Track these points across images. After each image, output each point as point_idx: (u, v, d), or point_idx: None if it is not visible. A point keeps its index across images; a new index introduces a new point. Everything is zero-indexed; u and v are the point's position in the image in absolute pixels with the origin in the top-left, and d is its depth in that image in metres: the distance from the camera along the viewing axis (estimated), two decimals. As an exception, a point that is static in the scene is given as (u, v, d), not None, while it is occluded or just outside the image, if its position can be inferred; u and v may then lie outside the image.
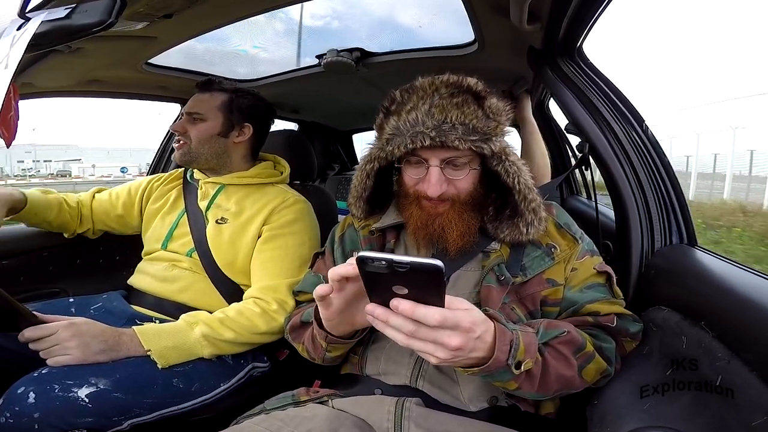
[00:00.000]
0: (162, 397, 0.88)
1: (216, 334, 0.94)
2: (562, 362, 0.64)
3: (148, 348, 0.87)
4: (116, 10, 0.69)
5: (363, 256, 0.44)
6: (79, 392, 0.78)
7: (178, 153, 1.17)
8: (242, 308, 1.00)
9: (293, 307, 1.02)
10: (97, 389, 0.80)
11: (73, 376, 0.80)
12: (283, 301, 1.02)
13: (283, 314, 1.00)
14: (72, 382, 0.79)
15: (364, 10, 1.45)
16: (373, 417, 0.70)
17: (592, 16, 0.89)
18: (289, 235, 1.11)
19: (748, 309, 0.57)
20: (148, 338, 0.89)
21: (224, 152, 1.20)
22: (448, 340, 0.48)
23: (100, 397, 0.79)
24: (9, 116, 0.70)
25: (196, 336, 0.92)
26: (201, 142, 1.16)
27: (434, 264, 0.42)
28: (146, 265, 1.18)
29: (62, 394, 0.77)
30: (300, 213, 1.16)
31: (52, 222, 1.20)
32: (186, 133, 1.16)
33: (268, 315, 1.00)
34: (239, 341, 0.97)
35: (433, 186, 0.73)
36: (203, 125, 1.17)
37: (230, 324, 0.96)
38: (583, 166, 1.06)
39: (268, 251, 1.10)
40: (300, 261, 1.09)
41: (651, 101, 77.86)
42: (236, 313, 0.99)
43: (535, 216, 0.75)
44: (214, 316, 0.97)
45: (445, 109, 0.71)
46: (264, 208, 1.13)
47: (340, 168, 2.94)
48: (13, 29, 0.69)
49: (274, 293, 1.03)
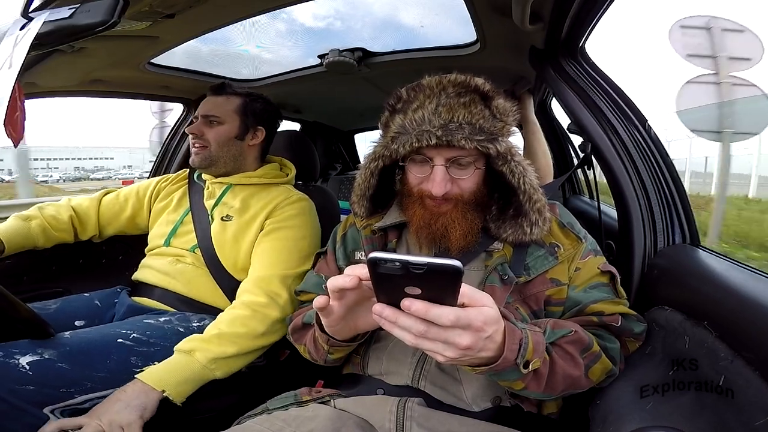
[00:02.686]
0: (117, 373, 0.85)
1: (219, 354, 0.90)
2: (569, 362, 0.64)
3: (162, 389, 0.82)
4: (119, 9, 0.69)
5: (375, 258, 0.42)
6: (21, 359, 0.77)
7: (198, 157, 1.18)
8: (234, 316, 0.97)
9: (287, 300, 1.01)
10: (40, 358, 0.79)
11: (20, 345, 0.80)
12: (274, 293, 1.01)
13: (276, 307, 0.99)
14: (17, 350, 0.78)
15: (366, 10, 1.45)
16: (375, 417, 0.70)
17: (594, 16, 0.89)
18: (288, 228, 1.12)
19: (751, 309, 0.56)
20: (157, 380, 0.83)
21: (240, 155, 1.22)
22: (459, 339, 0.47)
23: (42, 366, 0.78)
24: (16, 116, 0.69)
25: (200, 363, 0.88)
26: (220, 145, 1.18)
27: (454, 265, 0.41)
28: (150, 260, 1.19)
29: (2, 360, 0.76)
30: (302, 209, 1.17)
31: (43, 246, 1.18)
32: (203, 136, 1.17)
33: (260, 313, 0.98)
34: (245, 351, 0.94)
35: (438, 185, 0.72)
36: (222, 128, 1.19)
37: (228, 338, 0.93)
38: (585, 166, 1.06)
39: (267, 243, 1.10)
40: (298, 254, 1.09)
41: (649, 102, 77.61)
42: (229, 324, 0.95)
43: (540, 216, 0.75)
44: (209, 334, 0.93)
45: (453, 109, 0.71)
46: (268, 204, 1.15)
47: (342, 168, 2.94)
48: (16, 29, 0.69)
49: (267, 285, 1.02)
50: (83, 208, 1.27)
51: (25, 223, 1.15)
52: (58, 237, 1.21)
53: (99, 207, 1.30)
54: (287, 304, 1.02)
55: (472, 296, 0.49)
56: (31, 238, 1.14)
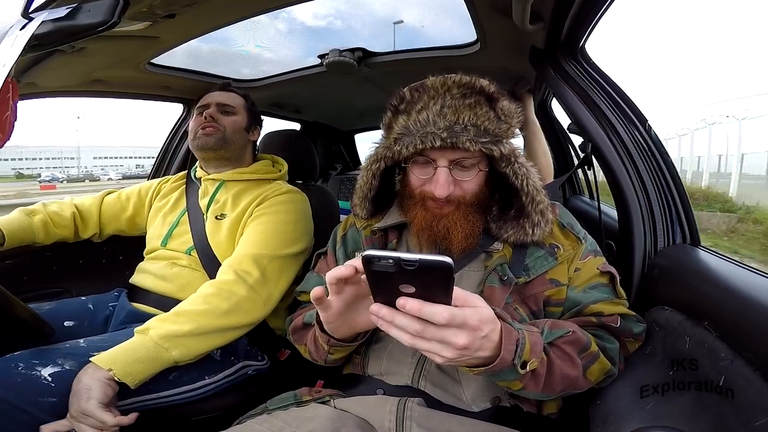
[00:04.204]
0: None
1: (173, 332, 0.85)
2: (567, 362, 0.64)
3: (109, 368, 0.78)
4: (119, 9, 0.69)
5: (369, 255, 0.43)
6: (43, 371, 0.78)
7: (211, 138, 1.18)
8: (197, 294, 0.94)
9: (257, 280, 0.98)
10: (62, 369, 0.79)
11: (41, 356, 0.80)
12: (243, 270, 0.98)
13: (242, 285, 0.96)
14: (37, 362, 0.79)
15: (366, 10, 1.45)
16: (375, 417, 0.70)
17: (594, 16, 0.89)
18: (272, 214, 1.12)
19: (751, 309, 0.56)
20: (106, 360, 0.79)
21: (244, 146, 1.27)
22: (455, 339, 0.47)
23: (64, 378, 0.77)
24: (5, 116, 0.68)
25: (152, 340, 0.84)
26: (234, 132, 1.23)
27: (444, 261, 0.41)
28: (147, 264, 1.19)
29: (24, 372, 0.76)
30: (290, 198, 1.18)
31: (43, 242, 1.19)
32: (218, 122, 1.21)
33: (225, 290, 0.94)
34: (206, 329, 0.89)
35: (441, 186, 0.72)
36: (235, 118, 1.25)
37: (186, 315, 0.88)
38: (585, 166, 1.06)
39: (249, 227, 1.11)
40: (278, 237, 1.07)
41: (650, 101, 77.86)
42: (191, 302, 0.92)
43: (542, 217, 0.75)
44: (168, 313, 0.90)
45: (458, 110, 0.70)
46: (258, 197, 1.16)
47: (343, 168, 2.94)
48: (16, 29, 0.69)
49: (238, 264, 1.00)
50: (86, 207, 1.29)
51: (28, 217, 1.16)
52: (59, 234, 1.21)
53: (101, 206, 1.31)
54: (258, 284, 0.98)
55: (465, 298, 0.49)
56: (32, 233, 1.15)
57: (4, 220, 1.12)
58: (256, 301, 0.98)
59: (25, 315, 0.82)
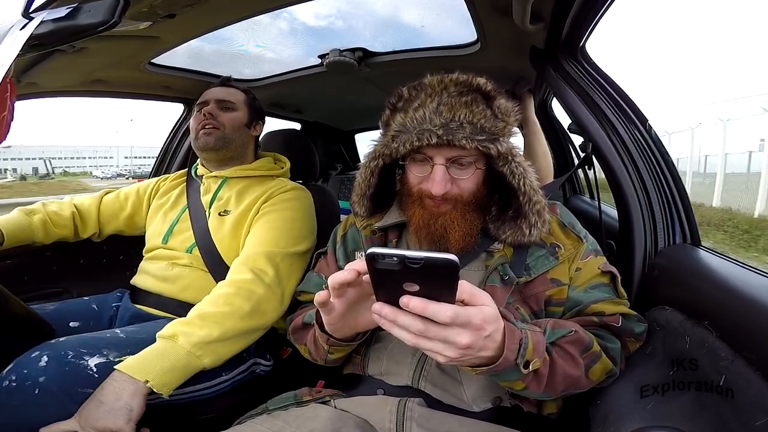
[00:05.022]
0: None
1: (204, 338, 0.84)
2: (569, 362, 0.64)
3: (146, 379, 0.76)
4: (119, 9, 0.69)
5: (373, 253, 0.42)
6: (90, 361, 0.78)
7: (211, 137, 1.18)
8: (217, 295, 0.93)
9: (273, 278, 0.98)
10: (106, 360, 0.79)
11: (87, 345, 0.80)
12: (259, 269, 0.98)
13: (261, 284, 0.96)
14: (85, 351, 0.79)
15: (367, 10, 1.45)
16: (375, 417, 0.70)
17: (594, 16, 0.89)
18: (280, 211, 1.12)
19: (751, 309, 0.56)
20: (138, 369, 0.77)
21: (246, 143, 1.26)
22: (458, 338, 0.47)
23: (107, 369, 0.77)
24: (2, 116, 0.68)
25: (185, 349, 0.82)
26: (234, 129, 1.21)
27: (450, 259, 0.41)
28: (147, 265, 1.18)
29: (74, 361, 0.76)
30: (296, 195, 1.18)
31: (42, 242, 1.18)
32: (217, 119, 1.20)
33: (245, 289, 0.93)
34: (231, 333, 0.88)
35: (438, 184, 0.72)
36: (235, 114, 1.23)
37: (212, 318, 0.87)
38: (586, 166, 1.06)
39: (258, 224, 1.10)
40: (288, 234, 1.07)
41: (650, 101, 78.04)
42: (212, 303, 0.90)
43: (539, 218, 0.74)
44: (191, 316, 0.88)
45: (454, 108, 0.70)
46: (263, 194, 1.16)
47: (343, 168, 2.94)
48: (16, 29, 0.69)
49: (253, 262, 0.99)
50: (85, 206, 1.29)
51: (27, 217, 1.16)
52: (58, 233, 1.21)
53: (100, 205, 1.31)
54: (274, 283, 0.98)
55: (472, 293, 0.48)
56: (31, 232, 1.14)
57: (3, 219, 1.12)
58: (273, 301, 0.97)
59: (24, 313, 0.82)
